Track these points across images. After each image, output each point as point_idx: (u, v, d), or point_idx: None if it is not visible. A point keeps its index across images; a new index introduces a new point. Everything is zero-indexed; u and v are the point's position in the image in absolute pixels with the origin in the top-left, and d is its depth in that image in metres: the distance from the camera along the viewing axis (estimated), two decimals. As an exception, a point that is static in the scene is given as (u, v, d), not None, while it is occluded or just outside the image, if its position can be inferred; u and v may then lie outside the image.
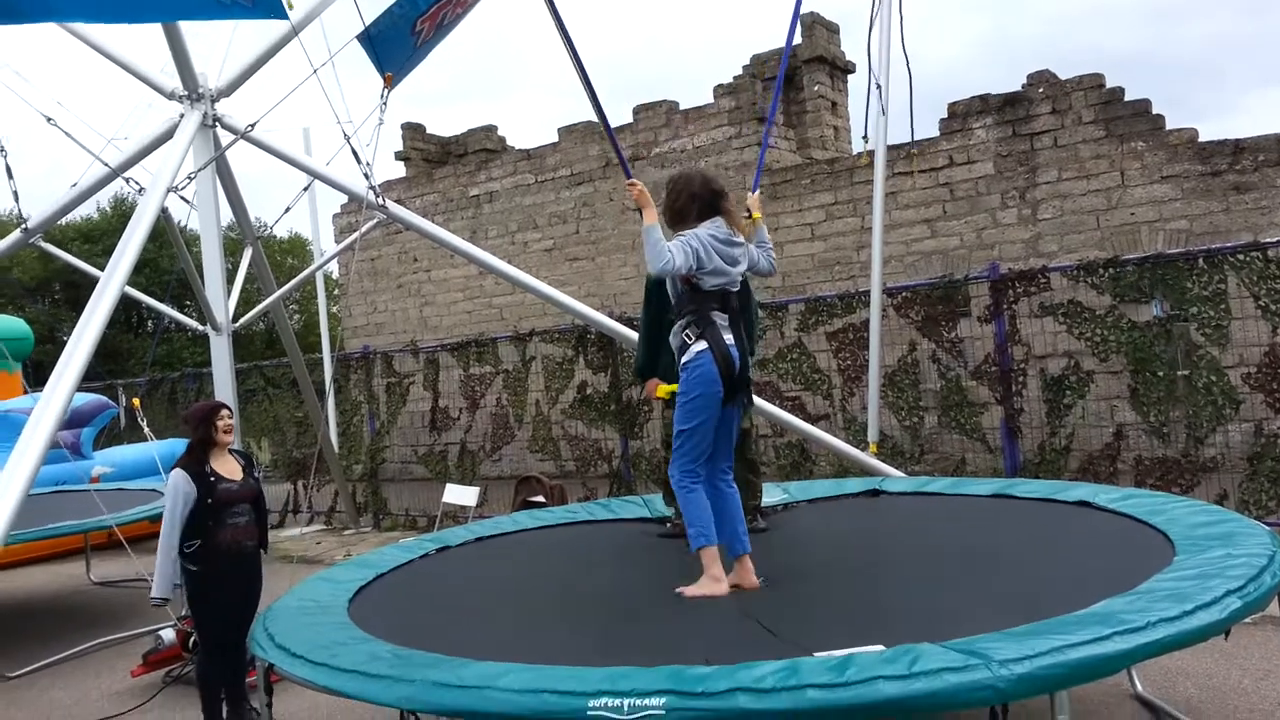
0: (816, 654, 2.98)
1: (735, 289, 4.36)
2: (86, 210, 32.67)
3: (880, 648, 2.93)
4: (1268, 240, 7.54)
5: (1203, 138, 11.72)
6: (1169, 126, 11.95)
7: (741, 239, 4.37)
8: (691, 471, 4.26)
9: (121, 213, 31.41)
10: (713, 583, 4.20)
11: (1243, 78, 63.49)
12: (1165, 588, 3.19)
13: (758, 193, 5.08)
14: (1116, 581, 3.36)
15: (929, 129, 13.97)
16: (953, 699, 2.60)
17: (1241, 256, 7.46)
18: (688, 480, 4.25)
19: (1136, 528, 4.36)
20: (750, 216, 4.61)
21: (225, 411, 5.27)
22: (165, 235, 9.34)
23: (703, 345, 4.20)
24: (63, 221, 14.74)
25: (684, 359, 4.26)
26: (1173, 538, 3.96)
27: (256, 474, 5.36)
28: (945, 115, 13.38)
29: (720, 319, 4.27)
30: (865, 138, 8.42)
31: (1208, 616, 2.92)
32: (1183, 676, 4.91)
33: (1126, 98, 12.17)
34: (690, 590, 4.24)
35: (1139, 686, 4.70)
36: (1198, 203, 11.63)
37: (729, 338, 4.26)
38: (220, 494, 5.05)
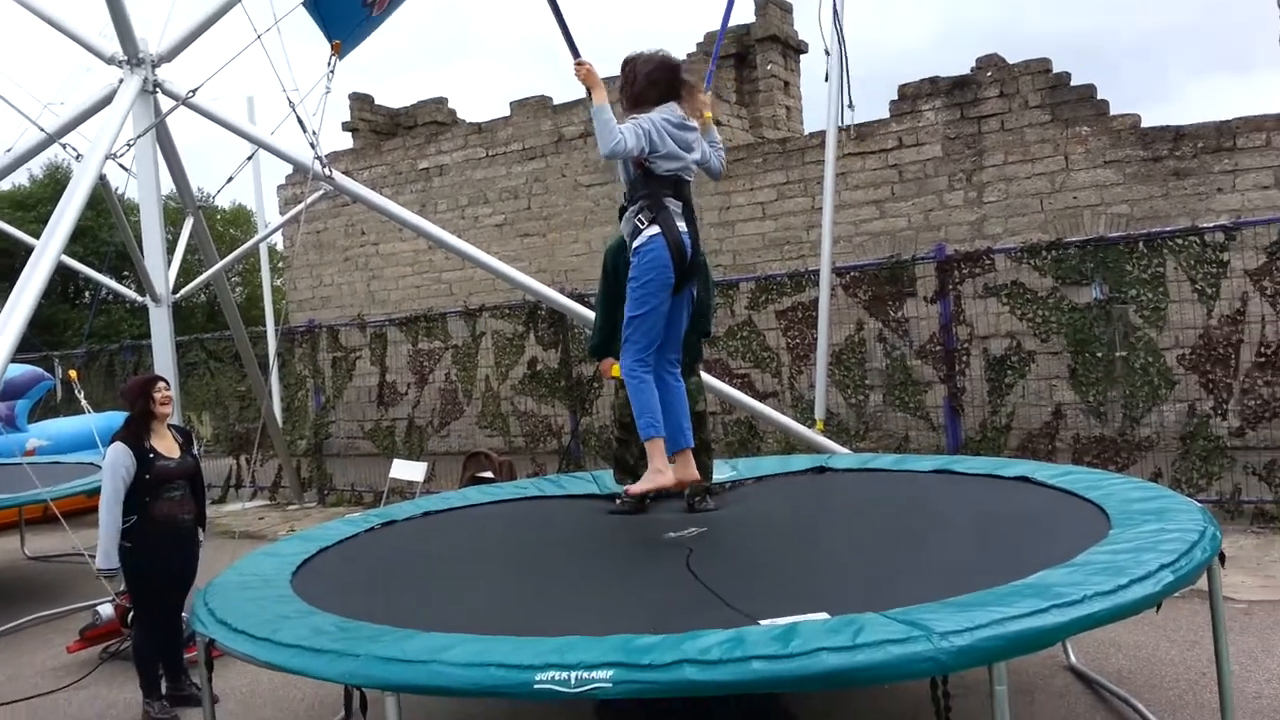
0: (762, 621, 3.00)
1: (689, 177, 4.33)
2: (18, 178, 31.64)
3: (825, 616, 2.97)
4: (1205, 225, 7.72)
5: (1145, 123, 11.95)
6: (1113, 112, 12.16)
7: (695, 124, 4.34)
8: (643, 361, 4.25)
9: (56, 180, 30.46)
10: (657, 474, 4.26)
11: (1187, 63, 64.78)
12: (1101, 560, 3.27)
13: (709, 92, 5.04)
14: (1055, 553, 3.43)
15: (880, 111, 14.04)
16: (895, 671, 2.65)
17: (1180, 241, 7.64)
18: (639, 370, 4.24)
19: (1074, 502, 4.45)
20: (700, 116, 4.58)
21: (162, 384, 5.20)
22: (103, 203, 9.08)
23: (655, 230, 4.17)
24: (-5, 188, 14.28)
25: (635, 243, 4.22)
26: (1109, 511, 4.05)
27: (195, 451, 5.29)
28: (895, 97, 13.48)
29: (674, 205, 4.24)
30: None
31: (1141, 590, 3.00)
32: (1114, 648, 5.05)
33: (1073, 83, 12.35)
34: (634, 487, 4.37)
35: (1073, 658, 4.82)
36: (1139, 187, 11.87)
37: (682, 225, 4.23)
38: (157, 470, 5.00)
